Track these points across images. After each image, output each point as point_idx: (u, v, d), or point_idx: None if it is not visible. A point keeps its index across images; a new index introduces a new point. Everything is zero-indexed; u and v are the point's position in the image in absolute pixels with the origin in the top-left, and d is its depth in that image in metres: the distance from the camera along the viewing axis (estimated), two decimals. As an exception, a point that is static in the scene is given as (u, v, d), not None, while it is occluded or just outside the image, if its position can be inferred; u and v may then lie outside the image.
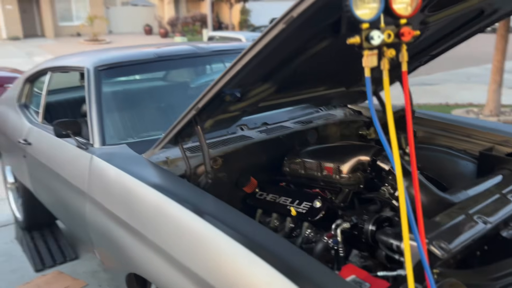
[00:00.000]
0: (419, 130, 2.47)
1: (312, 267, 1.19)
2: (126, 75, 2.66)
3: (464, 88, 10.18)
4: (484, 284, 1.18)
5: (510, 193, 1.62)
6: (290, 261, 1.21)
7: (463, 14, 1.82)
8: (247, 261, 1.23)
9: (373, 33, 0.97)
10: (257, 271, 1.19)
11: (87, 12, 26.28)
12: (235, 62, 1.33)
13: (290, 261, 1.21)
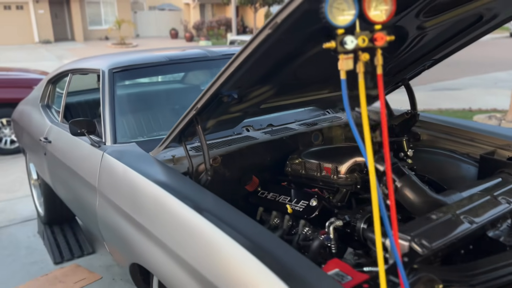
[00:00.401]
0: (423, 134, 2.49)
1: (296, 261, 1.25)
2: (139, 77, 2.78)
3: (490, 93, 9.97)
4: (459, 280, 1.21)
5: (502, 195, 1.64)
6: (275, 254, 1.27)
7: (462, 19, 1.86)
8: (237, 253, 1.30)
9: (346, 38, 1.04)
10: (245, 262, 1.26)
11: (115, 16, 26.98)
12: (228, 65, 1.42)
13: (275, 253, 1.28)
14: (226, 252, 1.34)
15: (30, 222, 4.04)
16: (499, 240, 1.46)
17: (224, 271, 1.32)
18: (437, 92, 10.28)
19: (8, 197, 4.63)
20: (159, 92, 2.94)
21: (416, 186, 1.77)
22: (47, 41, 25.60)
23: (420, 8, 1.59)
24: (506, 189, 1.71)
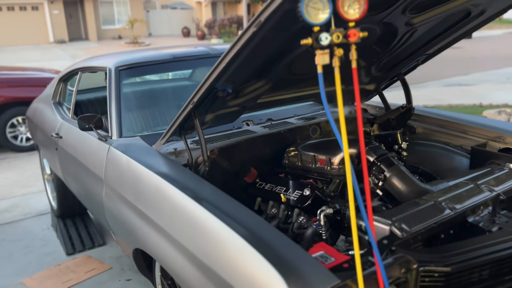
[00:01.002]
0: (418, 127, 2.56)
1: (285, 246, 1.33)
2: (144, 74, 2.90)
3: (502, 89, 9.87)
4: (436, 261, 1.29)
5: (485, 184, 1.71)
6: (265, 239, 1.37)
7: (451, 15, 1.92)
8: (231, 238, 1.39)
9: (321, 35, 1.13)
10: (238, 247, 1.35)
11: (128, 15, 27.28)
12: (219, 62, 1.51)
13: (265, 238, 1.37)
14: (220, 238, 1.43)
15: (44, 216, 4.20)
16: (478, 225, 1.53)
17: (220, 255, 1.41)
18: (448, 88, 10.23)
19: (23, 192, 4.81)
20: (162, 88, 3.06)
21: (404, 176, 1.85)
22: (61, 41, 26.03)
23: (405, 6, 1.66)
24: (490, 178, 1.78)
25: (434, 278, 1.30)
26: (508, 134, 2.21)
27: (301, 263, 1.22)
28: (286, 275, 1.17)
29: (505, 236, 1.43)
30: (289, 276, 1.17)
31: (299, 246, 1.33)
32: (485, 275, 1.37)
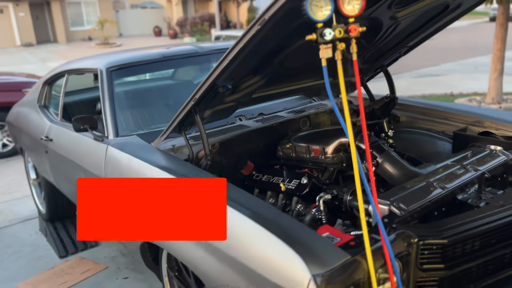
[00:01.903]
0: (402, 115, 2.70)
1: (296, 228, 1.43)
2: (135, 74, 2.94)
3: (470, 78, 10.26)
4: (433, 235, 1.42)
5: (470, 164, 1.85)
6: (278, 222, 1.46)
7: (430, 8, 2.05)
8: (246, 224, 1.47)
9: (325, 31, 1.22)
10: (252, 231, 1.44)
11: (97, 16, 26.80)
12: (223, 58, 1.59)
13: (278, 222, 1.46)
14: (235, 225, 1.50)
15: (31, 221, 4.16)
16: (467, 202, 1.67)
17: (237, 242, 1.48)
18: (420, 79, 10.56)
19: (5, 199, 4.74)
20: (155, 87, 3.10)
21: (395, 161, 1.97)
22: (29, 44, 25.37)
23: (391, 0, 1.78)
24: (474, 159, 1.92)
25: (433, 250, 1.42)
26: (486, 118, 2.37)
27: (314, 243, 1.32)
28: (302, 254, 1.26)
29: (492, 210, 1.56)
30: (305, 255, 1.26)
31: (311, 229, 1.43)
32: (476, 246, 1.50)
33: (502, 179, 1.93)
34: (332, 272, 1.23)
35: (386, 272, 1.37)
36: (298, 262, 1.24)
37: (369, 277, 1.28)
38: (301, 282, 1.22)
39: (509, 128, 2.28)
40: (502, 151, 2.01)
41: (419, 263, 1.43)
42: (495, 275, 1.58)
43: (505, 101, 7.33)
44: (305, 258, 1.25)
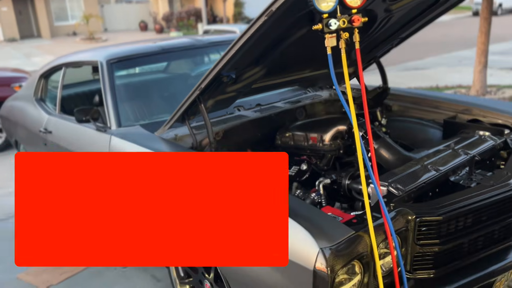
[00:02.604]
0: (394, 105, 2.81)
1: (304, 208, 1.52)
2: (135, 66, 2.99)
3: (455, 71, 10.46)
4: (429, 212, 1.53)
5: (461, 148, 1.97)
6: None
7: (422, 1, 2.15)
8: None
9: (331, 21, 1.31)
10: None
11: (82, 11, 26.46)
12: (229, 49, 1.67)
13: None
14: None
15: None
16: (459, 183, 1.78)
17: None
18: (406, 72, 10.73)
19: (1, 193, 4.74)
20: (155, 79, 3.16)
21: (390, 146, 2.08)
22: (12, 39, 24.95)
23: (386, -7, 1.87)
24: (464, 144, 2.04)
25: (429, 227, 1.53)
26: (474, 106, 2.49)
27: (320, 220, 1.41)
28: (310, 230, 1.36)
29: (482, 189, 1.68)
30: (313, 230, 1.36)
31: (317, 208, 1.52)
32: (468, 223, 1.62)
33: (491, 162, 2.05)
34: (339, 245, 1.32)
35: (386, 247, 1.48)
36: (307, 237, 1.34)
37: (372, 251, 1.37)
38: (310, 255, 1.31)
39: (496, 116, 2.41)
40: (490, 136, 2.13)
41: (416, 239, 1.54)
42: (486, 250, 1.70)
43: (489, 93, 7.52)
44: (313, 233, 1.34)
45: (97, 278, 3.04)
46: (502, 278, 1.78)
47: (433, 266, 1.59)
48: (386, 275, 1.49)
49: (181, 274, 2.17)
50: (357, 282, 1.41)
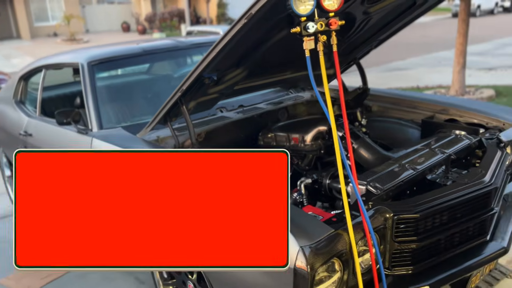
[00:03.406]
0: (374, 105, 2.86)
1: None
2: (116, 68, 2.98)
3: (435, 71, 10.65)
4: (406, 210, 1.57)
5: (437, 147, 2.02)
6: None
7: (399, 4, 2.20)
8: None
9: (308, 24, 1.34)
10: None
11: (62, 11, 26.08)
12: (210, 50, 1.68)
13: None
14: None
15: (7, 218, 4.12)
16: (436, 181, 1.83)
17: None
18: (387, 73, 10.88)
19: (-20, 197, 4.66)
20: (136, 81, 3.15)
21: (370, 146, 2.12)
22: (-10, 40, 24.45)
23: (364, -4, 1.91)
24: (441, 143, 2.09)
25: (407, 224, 1.57)
26: (451, 106, 2.55)
27: (301, 219, 1.44)
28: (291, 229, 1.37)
29: (458, 187, 1.73)
30: (293, 229, 1.38)
31: (298, 208, 1.55)
32: (444, 220, 1.66)
33: (466, 160, 2.11)
34: (318, 244, 1.35)
35: (365, 245, 1.51)
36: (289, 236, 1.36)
37: (351, 248, 1.41)
38: (291, 253, 1.33)
39: (472, 115, 2.48)
40: (466, 136, 2.19)
41: (394, 236, 1.58)
42: (462, 246, 1.75)
43: (468, 93, 7.69)
44: (294, 232, 1.36)
45: (80, 282, 3.02)
46: (477, 273, 1.84)
47: (411, 262, 1.64)
48: (365, 272, 1.52)
49: (165, 276, 2.18)
50: (336, 279, 1.44)
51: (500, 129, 2.35)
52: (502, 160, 2.00)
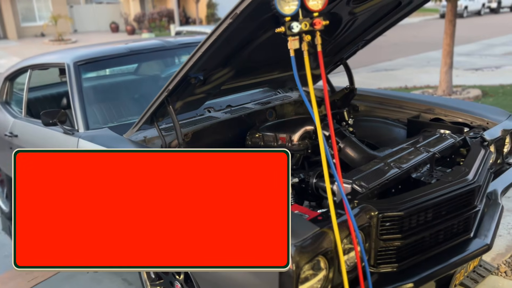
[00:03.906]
0: (361, 105, 2.88)
1: None
2: (103, 68, 2.96)
3: (423, 72, 10.75)
4: (391, 208, 1.58)
5: (422, 146, 2.04)
6: None
7: (385, 4, 2.23)
8: None
9: (293, 24, 1.35)
10: None
11: (50, 11, 25.82)
12: (196, 50, 1.68)
13: None
14: None
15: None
16: (420, 179, 1.86)
17: None
18: (376, 73, 10.96)
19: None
20: (123, 81, 3.13)
21: (356, 145, 2.14)
22: (-24, 40, 24.12)
23: (349, -3, 1.93)
24: (426, 142, 2.12)
25: (392, 222, 1.58)
26: (437, 106, 2.58)
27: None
28: None
29: (441, 185, 1.75)
30: None
31: None
32: (429, 217, 1.68)
33: (451, 159, 2.14)
34: (304, 242, 1.36)
35: (350, 243, 1.53)
36: None
37: (336, 246, 1.42)
38: None
39: (457, 115, 2.51)
40: (450, 135, 2.22)
41: (379, 234, 1.59)
42: (446, 243, 1.77)
43: (455, 93, 7.78)
44: None
45: (68, 283, 3.00)
46: (461, 269, 1.87)
47: (396, 260, 1.65)
48: (351, 270, 1.54)
49: (152, 276, 2.17)
50: (322, 277, 1.45)
51: (484, 128, 2.39)
52: (486, 159, 2.03)
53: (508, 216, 3.20)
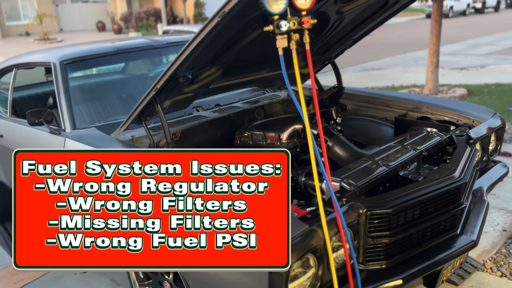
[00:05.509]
0: (349, 104, 2.90)
1: None
2: (90, 67, 2.93)
3: (410, 71, 10.86)
4: (379, 205, 1.60)
5: (409, 145, 2.06)
6: None
7: (372, 4, 2.24)
8: None
9: (281, 23, 1.35)
10: None
11: (35, 10, 25.46)
12: (184, 49, 1.67)
13: None
14: None
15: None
16: (408, 177, 1.87)
17: None
18: (363, 73, 11.03)
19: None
20: (111, 80, 3.11)
21: (344, 144, 2.15)
22: (-40, 39, 23.68)
23: (337, -4, 1.94)
24: (413, 140, 2.14)
25: (380, 219, 1.60)
26: (423, 104, 2.61)
27: None
28: None
29: (429, 183, 1.77)
30: None
31: None
32: (416, 214, 1.70)
33: (437, 156, 2.16)
34: (293, 240, 1.36)
35: (339, 240, 1.54)
36: None
37: (325, 244, 1.42)
38: None
39: (443, 113, 2.54)
40: (437, 133, 2.25)
41: (367, 231, 1.60)
42: (433, 240, 1.80)
43: (441, 92, 7.87)
44: None
45: (54, 284, 2.96)
46: (448, 266, 1.89)
47: (384, 257, 1.67)
48: (340, 267, 1.55)
49: (141, 276, 2.16)
50: (311, 275, 1.46)
51: (470, 126, 2.42)
52: (472, 156, 2.06)
53: (493, 213, 3.25)
